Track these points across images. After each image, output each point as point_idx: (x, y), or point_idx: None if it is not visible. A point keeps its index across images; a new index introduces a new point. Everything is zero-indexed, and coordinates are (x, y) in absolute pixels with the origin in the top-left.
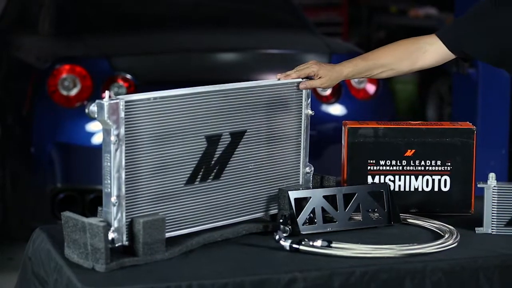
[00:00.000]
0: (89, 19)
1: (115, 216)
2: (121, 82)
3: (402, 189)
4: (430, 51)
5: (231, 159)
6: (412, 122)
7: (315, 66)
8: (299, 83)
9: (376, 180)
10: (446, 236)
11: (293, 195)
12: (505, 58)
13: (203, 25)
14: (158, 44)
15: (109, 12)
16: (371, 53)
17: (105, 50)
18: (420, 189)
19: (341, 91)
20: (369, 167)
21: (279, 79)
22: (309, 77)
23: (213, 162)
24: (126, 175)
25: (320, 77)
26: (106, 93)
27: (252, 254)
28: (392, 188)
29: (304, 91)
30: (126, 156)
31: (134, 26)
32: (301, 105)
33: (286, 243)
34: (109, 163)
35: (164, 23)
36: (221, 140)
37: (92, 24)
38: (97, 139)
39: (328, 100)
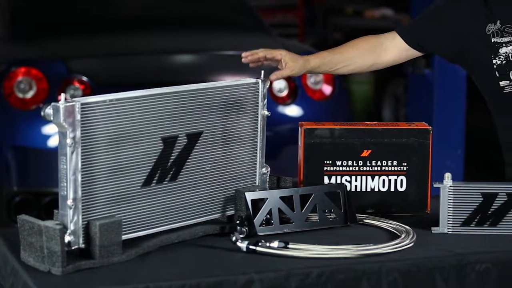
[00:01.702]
0: (44, 22)
1: (71, 219)
2: (77, 85)
3: (358, 189)
4: (391, 47)
5: (188, 160)
6: (368, 122)
7: (283, 51)
8: (255, 83)
9: (333, 180)
10: (403, 236)
11: (249, 196)
12: (462, 53)
13: (159, 27)
14: (114, 46)
15: (64, 15)
16: (337, 48)
17: (61, 52)
18: (376, 190)
19: (297, 92)
20: (325, 168)
21: (245, 57)
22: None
23: (169, 163)
24: (82, 177)
25: (287, 65)
26: (62, 96)
27: (209, 255)
28: (348, 188)
29: (260, 92)
30: (82, 159)
31: (90, 29)
32: (257, 106)
33: (243, 244)
34: (65, 166)
35: (121, 25)
36: (177, 141)
37: (48, 27)
38: (53, 142)
39: (284, 101)
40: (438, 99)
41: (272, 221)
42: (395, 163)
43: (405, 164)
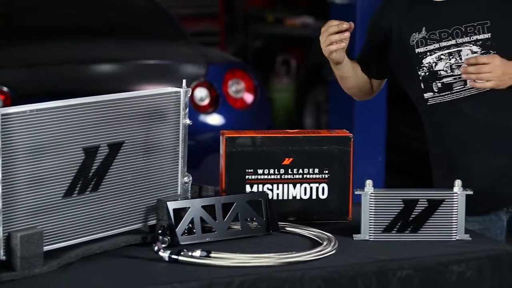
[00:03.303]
0: None
1: None
2: None
3: (280, 197)
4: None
5: (109, 170)
6: (289, 130)
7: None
8: (177, 92)
9: (255, 189)
10: (325, 243)
11: (171, 205)
12: (393, 66)
13: (80, 37)
14: (36, 56)
15: None
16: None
17: None
18: (298, 197)
19: (219, 100)
20: (247, 176)
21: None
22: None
23: (91, 174)
24: (2, 188)
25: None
26: None
27: (131, 265)
28: (270, 196)
29: (181, 101)
30: (2, 170)
31: (10, 38)
32: (179, 115)
33: (165, 254)
34: None
35: (42, 35)
36: (98, 151)
37: None
38: None
39: (206, 110)
40: (359, 106)
41: (194, 230)
42: (316, 170)
43: (327, 171)
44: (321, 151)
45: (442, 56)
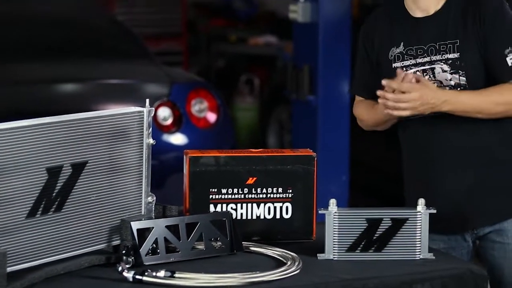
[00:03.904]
0: None
1: None
2: None
3: (244, 217)
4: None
5: (73, 190)
6: (253, 150)
7: None
8: (140, 112)
9: (218, 208)
10: (289, 263)
11: (135, 225)
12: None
13: (42, 56)
14: None
15: None
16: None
17: None
18: (262, 217)
19: (182, 120)
20: (211, 196)
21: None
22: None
23: (54, 194)
24: None
25: None
26: None
27: (95, 286)
28: (234, 216)
29: (145, 120)
30: None
31: None
32: (142, 134)
33: (129, 275)
34: None
35: (3, 54)
36: (62, 171)
37: None
38: None
39: (169, 130)
40: (322, 125)
41: (158, 251)
42: (280, 190)
43: (290, 191)
44: (284, 170)
45: (417, 73)
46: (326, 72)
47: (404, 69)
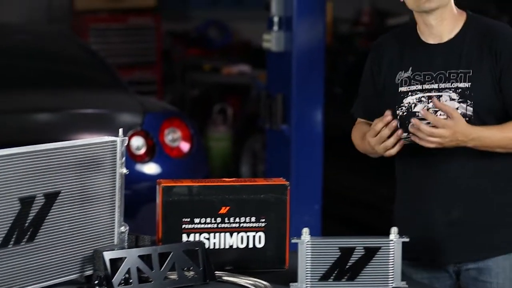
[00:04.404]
0: None
1: None
2: None
3: (217, 246)
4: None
5: (45, 220)
6: (226, 179)
7: None
8: (113, 142)
9: (191, 238)
10: None
11: (108, 255)
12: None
13: (15, 86)
14: None
15: None
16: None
17: None
18: (235, 246)
19: (155, 149)
20: (184, 226)
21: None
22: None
23: (26, 224)
24: None
25: None
26: None
27: None
28: (207, 245)
29: (118, 150)
30: None
31: None
32: (115, 164)
33: None
34: None
35: None
36: (34, 202)
37: None
38: None
39: (142, 159)
40: (295, 154)
41: (131, 281)
42: (253, 219)
43: (263, 220)
44: (257, 199)
45: (422, 98)
46: (299, 101)
47: (410, 93)
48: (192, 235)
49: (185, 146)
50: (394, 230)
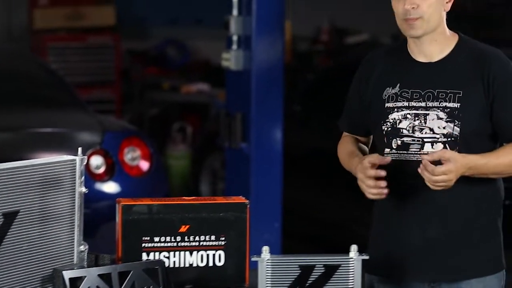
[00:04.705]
0: None
1: None
2: None
3: (177, 265)
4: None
5: (4, 240)
6: (185, 198)
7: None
8: (72, 161)
9: (151, 257)
10: None
11: (67, 274)
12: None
13: None
14: None
15: None
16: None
17: None
18: (195, 265)
19: (115, 168)
20: (143, 244)
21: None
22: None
23: None
24: None
25: None
26: None
27: None
28: (167, 264)
29: (77, 169)
30: None
31: None
32: (75, 183)
33: None
34: None
35: None
36: None
37: None
38: None
39: (102, 178)
40: (254, 172)
41: None
42: (213, 237)
43: (223, 238)
44: (217, 218)
45: (408, 115)
46: (259, 119)
47: (396, 110)
48: (152, 254)
49: (144, 165)
50: (353, 247)
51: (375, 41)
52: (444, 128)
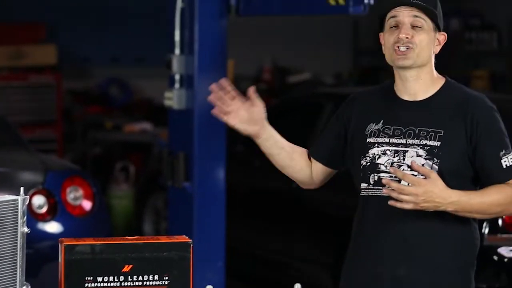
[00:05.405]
0: None
1: None
2: None
3: None
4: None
5: None
6: (128, 237)
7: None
8: (14, 200)
9: None
10: None
11: None
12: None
13: None
14: None
15: None
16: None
17: None
18: None
19: (57, 208)
20: (86, 284)
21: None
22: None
23: None
24: None
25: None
26: None
27: None
28: None
29: (19, 209)
30: None
31: None
32: (17, 223)
33: None
34: None
35: None
36: None
37: None
38: None
39: (44, 218)
40: (198, 212)
41: None
42: (156, 277)
43: (167, 278)
44: (160, 257)
45: (387, 151)
46: (201, 158)
47: (376, 145)
48: None
49: (87, 205)
50: (297, 286)
51: (317, 80)
52: (422, 165)
